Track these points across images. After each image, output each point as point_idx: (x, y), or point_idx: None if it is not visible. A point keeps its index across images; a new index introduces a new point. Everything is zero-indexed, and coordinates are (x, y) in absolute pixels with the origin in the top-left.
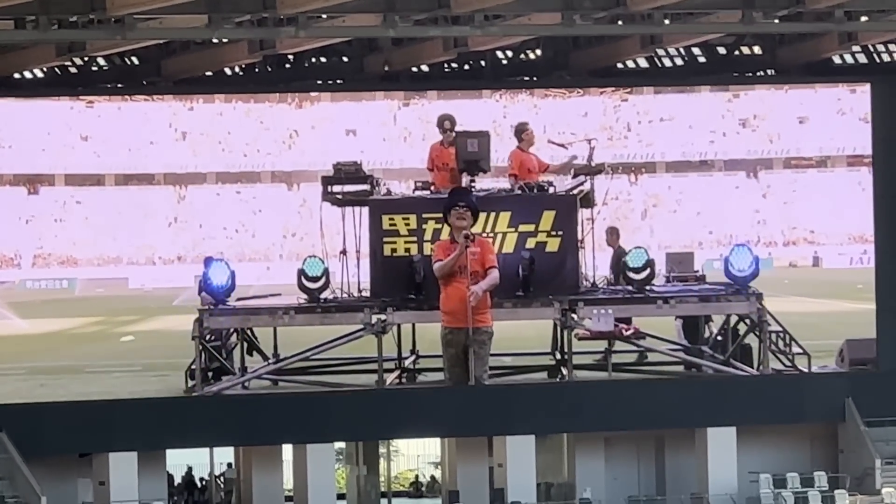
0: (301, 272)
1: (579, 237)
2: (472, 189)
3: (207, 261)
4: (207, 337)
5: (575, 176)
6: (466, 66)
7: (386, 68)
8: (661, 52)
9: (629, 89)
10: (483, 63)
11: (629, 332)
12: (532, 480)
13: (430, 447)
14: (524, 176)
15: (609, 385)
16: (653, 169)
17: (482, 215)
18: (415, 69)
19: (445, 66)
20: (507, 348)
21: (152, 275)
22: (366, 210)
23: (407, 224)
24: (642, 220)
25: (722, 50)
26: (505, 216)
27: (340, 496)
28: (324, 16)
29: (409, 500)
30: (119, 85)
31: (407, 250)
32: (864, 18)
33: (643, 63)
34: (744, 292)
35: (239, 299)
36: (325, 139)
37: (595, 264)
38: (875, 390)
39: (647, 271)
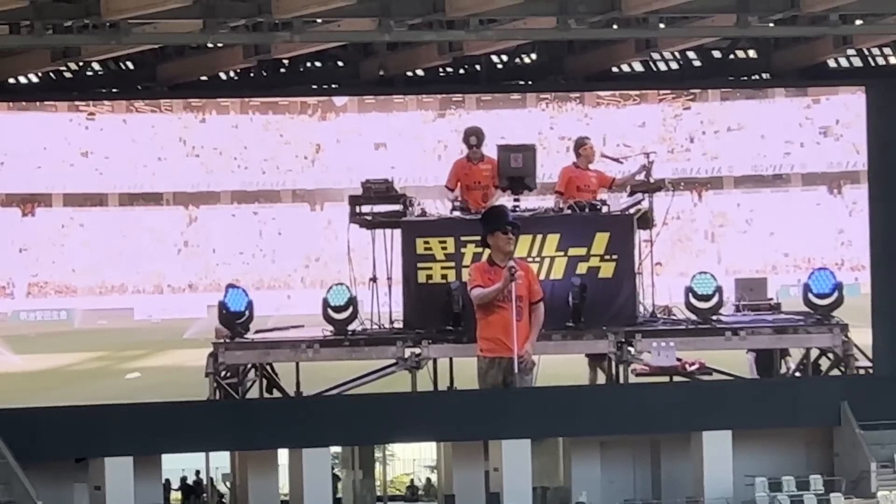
0: (326, 301)
1: (637, 262)
2: (517, 209)
3: (228, 289)
4: (223, 373)
5: (632, 193)
6: (462, 71)
7: (381, 73)
8: (655, 56)
9: (692, 96)
10: (478, 67)
11: (693, 368)
12: (528, 484)
13: (426, 451)
14: (572, 195)
15: (605, 389)
16: (719, 184)
17: (527, 238)
18: (410, 74)
19: (440, 70)
20: (554, 385)
21: (160, 305)
22: (398, 232)
23: (444, 248)
24: (708, 241)
25: (717, 54)
26: (553, 239)
27: (337, 501)
28: (319, 20)
29: None
30: (114, 90)
31: (444, 277)
32: (858, 22)
33: (638, 67)
34: (826, 323)
35: (257, 331)
36: (351, 154)
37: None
38: (870, 394)
39: (715, 299)
